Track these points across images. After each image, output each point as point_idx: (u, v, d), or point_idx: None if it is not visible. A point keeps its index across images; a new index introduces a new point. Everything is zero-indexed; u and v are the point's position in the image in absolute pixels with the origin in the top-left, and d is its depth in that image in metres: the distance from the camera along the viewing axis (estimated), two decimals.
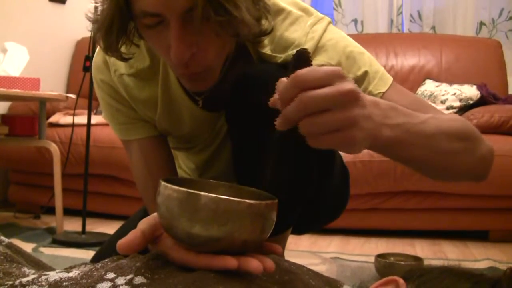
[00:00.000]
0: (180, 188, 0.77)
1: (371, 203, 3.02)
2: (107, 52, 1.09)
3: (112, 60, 1.24)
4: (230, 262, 0.75)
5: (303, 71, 0.74)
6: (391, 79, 1.15)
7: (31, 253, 1.08)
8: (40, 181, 3.43)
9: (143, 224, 0.84)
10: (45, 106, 2.96)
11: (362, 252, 2.69)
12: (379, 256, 2.19)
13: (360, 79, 1.12)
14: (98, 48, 1.27)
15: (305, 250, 2.68)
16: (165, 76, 1.23)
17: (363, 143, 0.81)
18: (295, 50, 0.81)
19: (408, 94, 1.18)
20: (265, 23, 1.07)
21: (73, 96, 2.97)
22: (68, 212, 3.16)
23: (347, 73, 1.07)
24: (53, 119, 3.53)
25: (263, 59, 1.16)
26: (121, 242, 0.81)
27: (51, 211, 3.04)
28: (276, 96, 0.77)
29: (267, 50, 1.14)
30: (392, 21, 4.44)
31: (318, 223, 1.53)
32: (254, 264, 0.75)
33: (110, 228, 3.02)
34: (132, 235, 0.82)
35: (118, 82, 1.25)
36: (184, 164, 1.56)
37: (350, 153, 0.82)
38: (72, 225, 3.08)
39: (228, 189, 0.90)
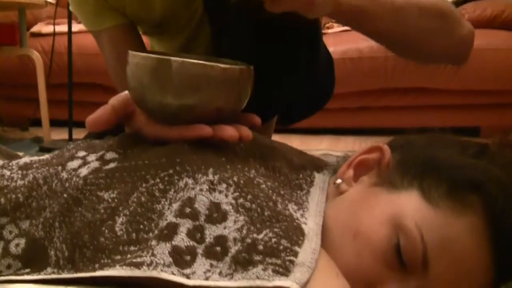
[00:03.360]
0: (150, 55, 0.72)
1: (361, 101, 2.99)
2: None
3: None
4: (205, 130, 0.71)
5: None
6: None
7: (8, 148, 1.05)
8: (26, 93, 3.36)
9: (113, 100, 0.80)
10: (25, 13, 2.87)
11: (353, 150, 2.67)
12: None
13: None
14: None
15: None
16: None
17: (323, 6, 0.82)
18: None
19: None
20: None
21: (52, 1, 2.87)
22: (56, 123, 3.12)
23: None
24: (35, 28, 3.45)
25: None
26: (90, 117, 0.77)
27: (39, 123, 3.00)
28: None
29: None
30: None
31: (304, 111, 1.49)
32: (229, 131, 0.71)
33: None
34: (102, 110, 0.78)
35: None
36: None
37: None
38: (60, 135, 3.04)
39: (203, 59, 0.85)
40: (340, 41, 2.94)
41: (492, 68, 2.86)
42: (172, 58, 0.70)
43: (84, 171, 0.73)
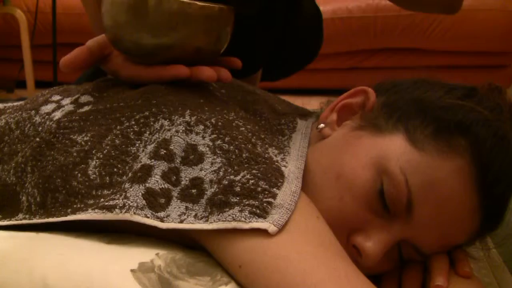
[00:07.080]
0: None
1: (350, 62, 2.95)
2: None
3: None
4: (182, 69, 0.68)
5: None
6: None
7: None
8: (10, 54, 3.30)
9: (91, 41, 0.77)
10: None
11: None
12: None
13: None
14: None
15: None
16: None
17: None
18: None
19: None
20: None
21: None
22: (41, 84, 3.06)
23: None
24: None
25: None
26: (65, 58, 0.74)
27: (24, 85, 2.94)
28: None
29: None
30: None
31: (291, 66, 1.45)
32: (207, 72, 0.69)
33: None
34: (77, 51, 0.75)
35: None
36: None
37: None
38: None
39: None
40: (329, 0, 2.90)
41: (484, 29, 2.81)
42: None
43: (57, 115, 0.71)
